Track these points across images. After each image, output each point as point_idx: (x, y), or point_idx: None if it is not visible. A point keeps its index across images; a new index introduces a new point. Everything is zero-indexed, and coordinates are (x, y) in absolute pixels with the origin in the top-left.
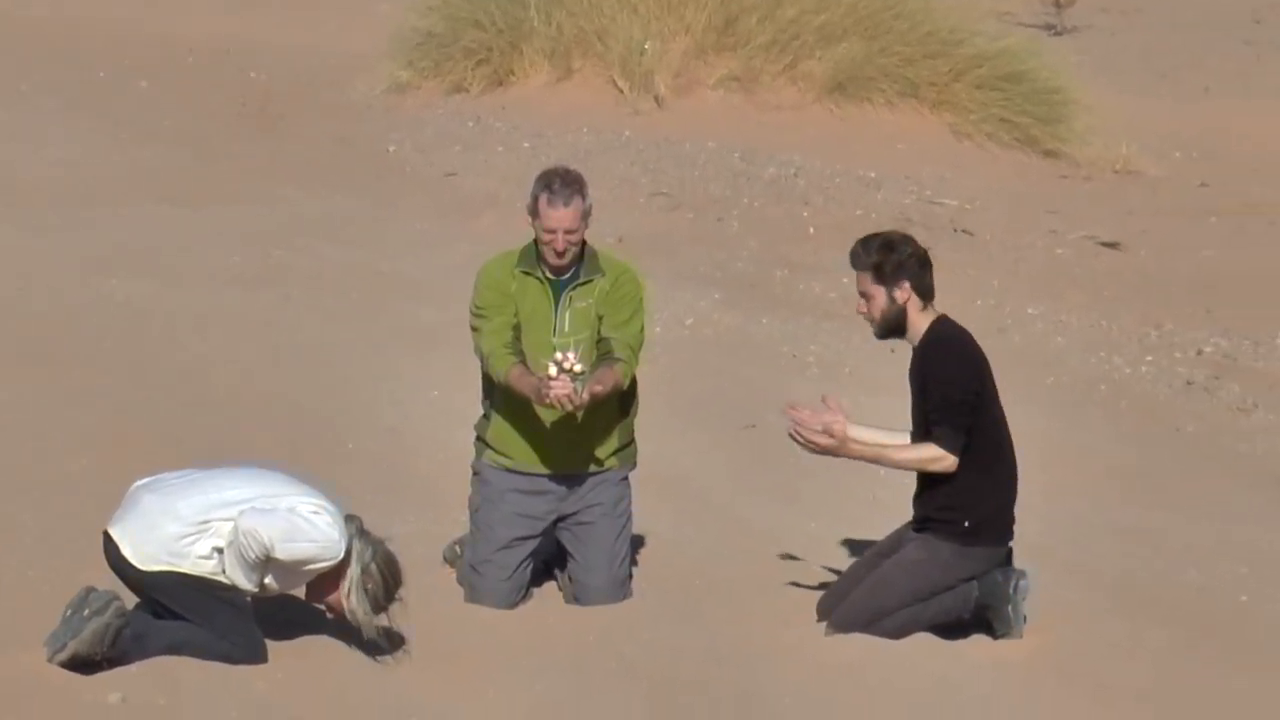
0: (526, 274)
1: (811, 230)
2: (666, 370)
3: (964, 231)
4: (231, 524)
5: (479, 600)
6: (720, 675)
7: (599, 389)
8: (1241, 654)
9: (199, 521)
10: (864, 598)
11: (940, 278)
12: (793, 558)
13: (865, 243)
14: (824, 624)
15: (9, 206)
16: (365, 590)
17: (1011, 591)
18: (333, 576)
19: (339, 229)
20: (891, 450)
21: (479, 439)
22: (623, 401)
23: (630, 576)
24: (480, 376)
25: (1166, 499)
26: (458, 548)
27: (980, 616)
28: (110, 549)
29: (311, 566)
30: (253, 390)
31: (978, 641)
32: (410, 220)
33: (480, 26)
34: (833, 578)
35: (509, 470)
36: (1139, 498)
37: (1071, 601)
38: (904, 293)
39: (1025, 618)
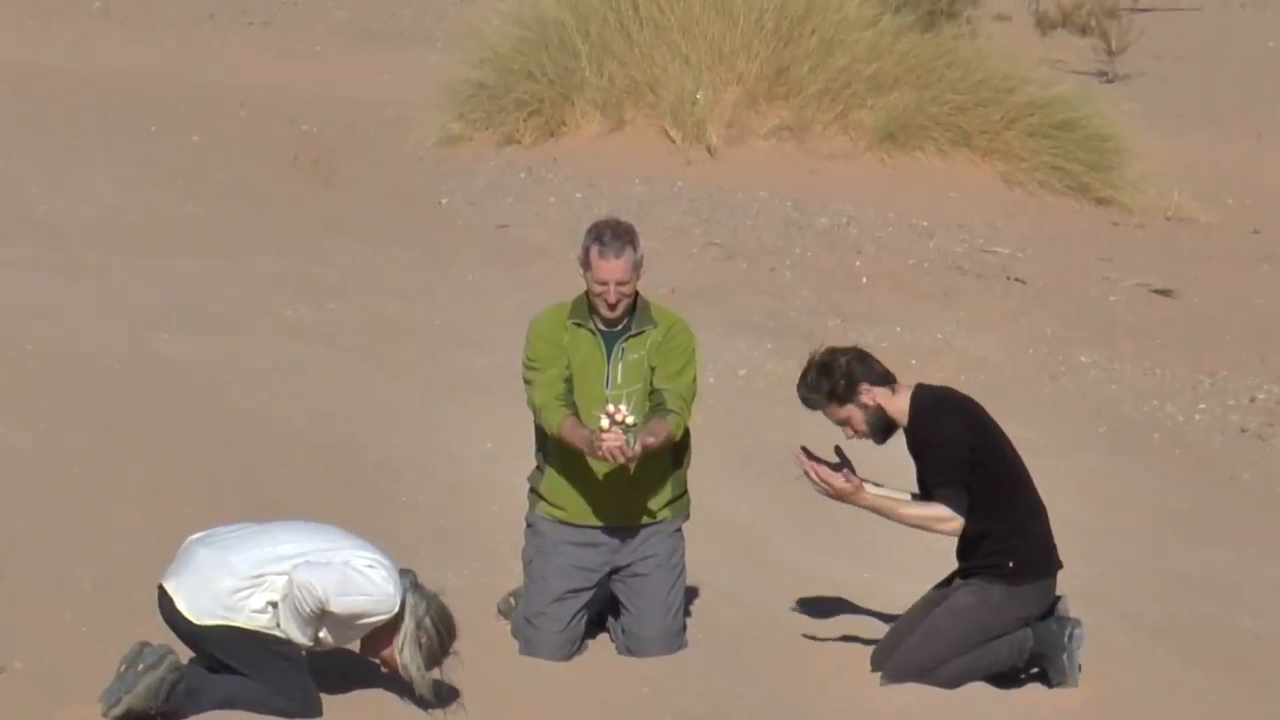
0: (579, 326)
1: (864, 280)
2: (720, 421)
3: (1016, 279)
4: (285, 578)
5: (533, 652)
6: None
7: (651, 441)
8: None
9: (253, 575)
10: (917, 646)
11: (993, 327)
12: (846, 607)
13: (804, 382)
14: (878, 674)
15: (60, 258)
16: (419, 645)
17: (1067, 640)
18: (387, 631)
19: (391, 281)
20: (900, 505)
21: (532, 491)
22: (676, 453)
23: (684, 627)
24: (533, 429)
25: (1221, 545)
26: (512, 599)
27: (1035, 665)
28: (164, 603)
29: (365, 620)
30: (305, 443)
31: (1033, 690)
32: (462, 271)
33: (532, 78)
34: (887, 627)
35: (563, 523)
36: (1194, 544)
37: (1126, 648)
38: (869, 395)
39: (1081, 666)
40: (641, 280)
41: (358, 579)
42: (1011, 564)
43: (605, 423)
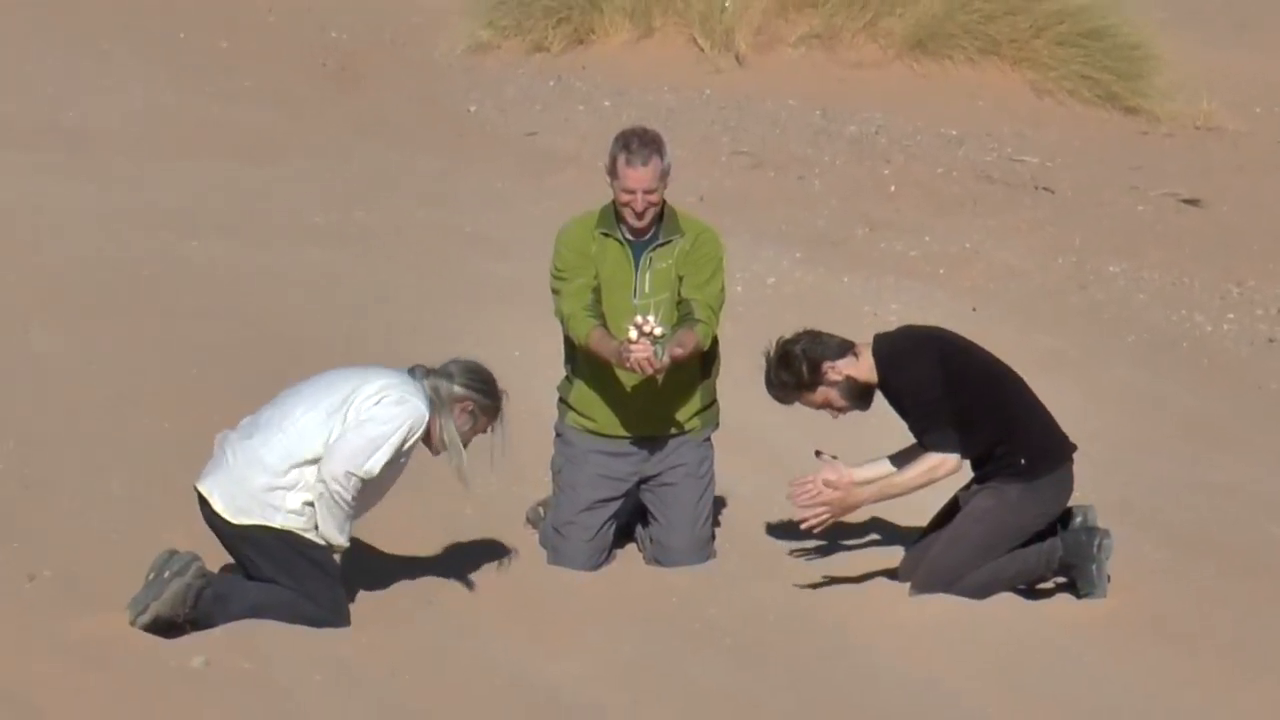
0: (606, 235)
1: (893, 188)
2: (749, 330)
3: (1045, 189)
4: (314, 470)
5: (562, 561)
6: (803, 636)
7: (679, 352)
8: None
9: (285, 471)
10: (942, 555)
11: (1021, 236)
12: (874, 519)
13: (770, 382)
14: (907, 585)
15: (88, 162)
16: (470, 415)
17: (1095, 550)
18: (437, 428)
19: (420, 187)
20: (896, 478)
21: (561, 401)
22: (704, 362)
23: (712, 537)
24: (562, 338)
25: (1249, 454)
26: (540, 509)
27: (1064, 575)
28: (204, 505)
29: (410, 443)
30: (332, 348)
31: (1062, 600)
32: (491, 179)
33: None
34: (891, 539)
35: (592, 433)
36: (1221, 454)
37: (1154, 558)
38: (834, 371)
39: (1109, 576)
40: (669, 189)
41: (375, 429)
42: (1023, 460)
43: (633, 334)
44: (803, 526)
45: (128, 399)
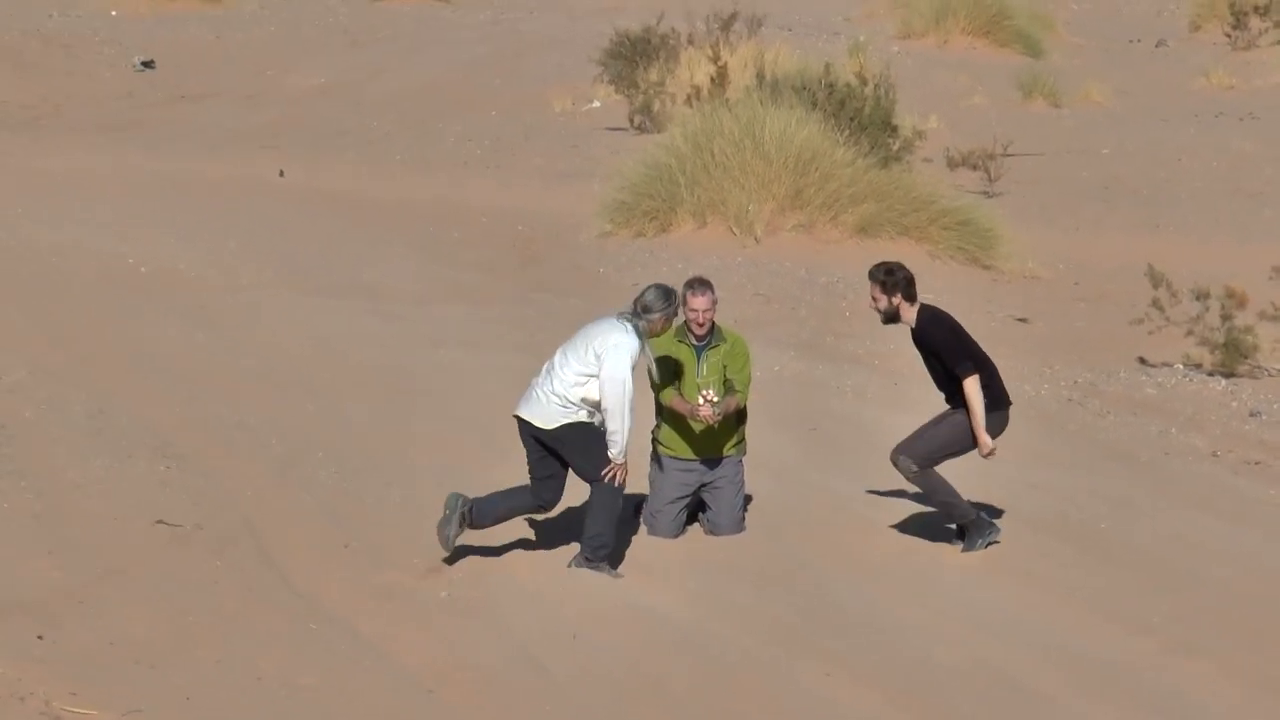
0: (681, 341)
1: (847, 314)
2: (763, 397)
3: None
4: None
5: (656, 533)
6: (795, 572)
7: (726, 410)
8: (1106, 558)
9: (569, 396)
10: (920, 436)
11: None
12: (842, 507)
13: (878, 266)
14: (900, 460)
15: (379, 306)
16: (665, 321)
17: (986, 534)
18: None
19: (572, 318)
20: (976, 417)
21: (654, 438)
22: (740, 415)
23: (744, 517)
24: (654, 401)
25: (1058, 468)
26: (643, 503)
27: (960, 530)
28: (523, 425)
29: (634, 362)
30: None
31: (952, 553)
32: (613, 310)
33: (652, 197)
34: (869, 519)
35: (672, 457)
36: (1042, 467)
37: (1004, 528)
38: (897, 299)
39: (984, 544)
40: (717, 314)
41: (617, 356)
42: (985, 398)
43: (701, 400)
44: (984, 455)
45: (404, 439)
